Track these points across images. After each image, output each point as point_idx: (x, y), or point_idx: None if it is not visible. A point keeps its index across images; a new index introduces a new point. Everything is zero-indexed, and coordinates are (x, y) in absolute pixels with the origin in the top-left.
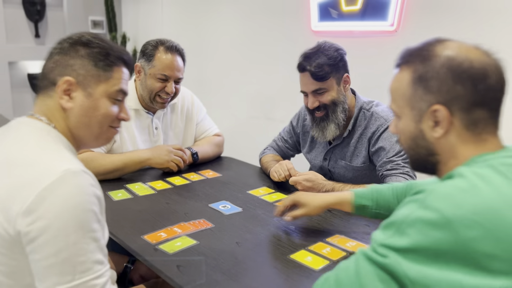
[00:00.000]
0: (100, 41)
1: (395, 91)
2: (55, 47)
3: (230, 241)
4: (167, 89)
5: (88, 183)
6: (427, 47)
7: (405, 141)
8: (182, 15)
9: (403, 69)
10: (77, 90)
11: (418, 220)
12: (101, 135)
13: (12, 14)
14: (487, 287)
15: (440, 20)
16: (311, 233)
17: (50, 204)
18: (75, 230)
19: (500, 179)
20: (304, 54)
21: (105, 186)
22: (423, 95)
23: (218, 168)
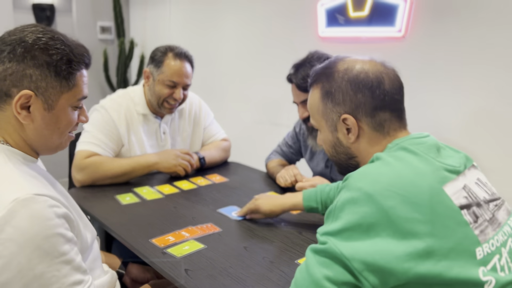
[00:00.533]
0: (59, 43)
1: (311, 108)
2: (2, 48)
3: (237, 245)
4: (175, 95)
5: (44, 207)
6: (330, 65)
7: (328, 150)
8: (189, 21)
9: (313, 88)
10: (36, 103)
11: (345, 202)
12: (61, 144)
13: (22, 19)
14: (413, 248)
15: (448, 25)
16: None
17: (4, 241)
18: (40, 261)
19: (410, 156)
20: (293, 65)
21: (113, 189)
22: (333, 108)
23: (225, 173)
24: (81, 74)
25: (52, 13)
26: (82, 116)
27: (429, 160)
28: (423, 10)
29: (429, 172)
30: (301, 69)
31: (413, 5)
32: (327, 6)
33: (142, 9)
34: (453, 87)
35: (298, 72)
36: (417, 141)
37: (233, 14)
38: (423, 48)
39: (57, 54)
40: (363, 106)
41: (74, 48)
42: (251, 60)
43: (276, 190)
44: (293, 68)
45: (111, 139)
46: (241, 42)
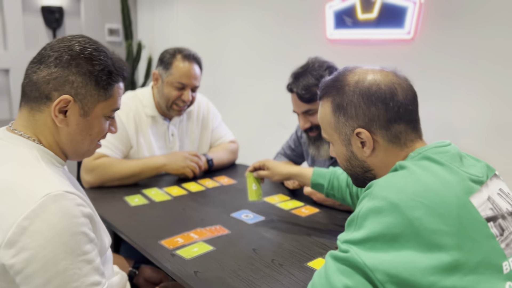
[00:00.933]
0: (103, 55)
1: (322, 122)
2: (50, 53)
3: (246, 248)
4: (183, 97)
5: (72, 204)
6: (339, 77)
7: (342, 163)
8: (197, 23)
9: (324, 101)
10: (73, 107)
11: (369, 211)
12: (89, 151)
13: (31, 22)
14: (439, 262)
15: (459, 27)
16: (328, 241)
17: (32, 233)
18: (65, 257)
19: (435, 166)
20: (293, 74)
21: (122, 191)
22: (345, 122)
23: (233, 175)
24: (118, 86)
25: (60, 16)
26: (112, 127)
27: (454, 169)
28: (432, 12)
29: (456, 183)
30: (302, 78)
31: (423, 7)
32: (335, 8)
33: (150, 11)
34: (465, 90)
35: (299, 82)
36: (440, 149)
37: (240, 16)
38: (433, 51)
39: (99, 64)
40: (377, 119)
41: (115, 61)
42: (259, 62)
43: (284, 192)
44: (292, 77)
45: (120, 141)
46: (249, 44)
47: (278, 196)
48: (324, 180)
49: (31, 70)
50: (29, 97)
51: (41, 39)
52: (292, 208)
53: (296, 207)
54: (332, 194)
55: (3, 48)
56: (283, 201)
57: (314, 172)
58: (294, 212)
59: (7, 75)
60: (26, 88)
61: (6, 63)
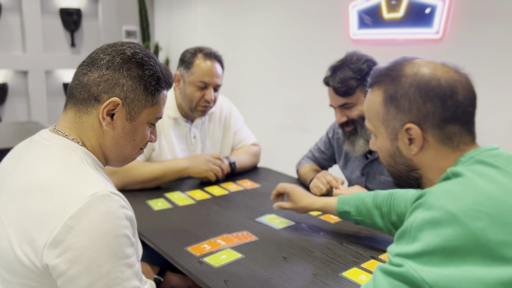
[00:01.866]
0: (153, 61)
1: (369, 111)
2: (102, 57)
3: (276, 255)
4: (206, 97)
5: (117, 206)
6: (396, 66)
7: (384, 159)
8: (215, 24)
9: (374, 89)
10: (121, 110)
11: (425, 222)
12: (130, 157)
13: (50, 24)
14: (508, 276)
15: (489, 26)
16: (361, 249)
17: (78, 233)
18: (108, 259)
19: (491, 170)
20: (330, 67)
21: (144, 195)
22: (396, 115)
23: (256, 179)
24: (164, 94)
25: (79, 18)
26: (152, 135)
27: (511, 173)
28: (462, 10)
29: None
30: (339, 71)
31: (452, 5)
32: (359, 7)
33: (167, 13)
34: (496, 92)
35: (336, 75)
36: (492, 153)
37: (259, 17)
38: (462, 51)
39: (149, 70)
40: (431, 116)
41: (163, 68)
42: (279, 62)
43: None
44: (330, 70)
45: None
46: (269, 44)
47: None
48: (349, 206)
49: (81, 72)
50: (77, 98)
51: (59, 41)
52: (320, 214)
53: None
54: (361, 220)
55: (21, 50)
56: None
57: (339, 200)
58: (322, 218)
59: (25, 77)
60: (75, 90)
61: (24, 65)
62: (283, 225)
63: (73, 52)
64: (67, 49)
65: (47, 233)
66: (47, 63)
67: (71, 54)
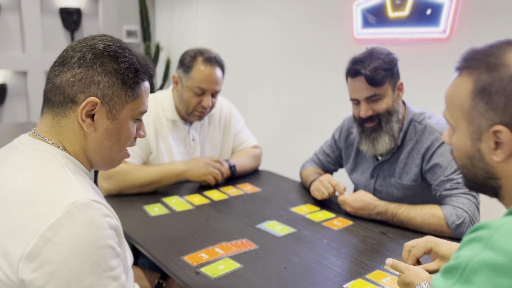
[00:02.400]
0: (127, 52)
1: (451, 100)
2: (72, 54)
3: (277, 265)
4: (203, 103)
5: (100, 214)
6: (496, 52)
7: (459, 158)
8: (216, 24)
9: (463, 75)
10: (100, 110)
11: (484, 265)
12: (117, 159)
13: (49, 23)
14: None
15: (498, 26)
16: (366, 258)
17: (57, 245)
18: (90, 273)
19: None
20: (355, 59)
21: (141, 199)
22: (485, 112)
23: (256, 182)
24: (145, 86)
25: (79, 17)
26: (140, 131)
27: None
28: (470, 9)
29: None
30: (368, 61)
31: (459, 4)
32: (363, 6)
33: (168, 13)
34: None
35: (366, 64)
36: None
37: (262, 17)
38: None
39: (125, 62)
40: None
41: (140, 58)
42: (281, 63)
43: (312, 203)
44: (354, 61)
45: (139, 146)
46: (271, 45)
47: (307, 207)
48: None
49: (53, 74)
50: (52, 102)
51: (59, 41)
52: (323, 220)
53: (328, 218)
54: None
55: (21, 50)
56: (312, 212)
57: None
58: (325, 225)
59: (25, 78)
60: (49, 94)
61: (24, 65)
62: (284, 232)
63: None
64: None
65: (22, 245)
66: (47, 63)
67: None
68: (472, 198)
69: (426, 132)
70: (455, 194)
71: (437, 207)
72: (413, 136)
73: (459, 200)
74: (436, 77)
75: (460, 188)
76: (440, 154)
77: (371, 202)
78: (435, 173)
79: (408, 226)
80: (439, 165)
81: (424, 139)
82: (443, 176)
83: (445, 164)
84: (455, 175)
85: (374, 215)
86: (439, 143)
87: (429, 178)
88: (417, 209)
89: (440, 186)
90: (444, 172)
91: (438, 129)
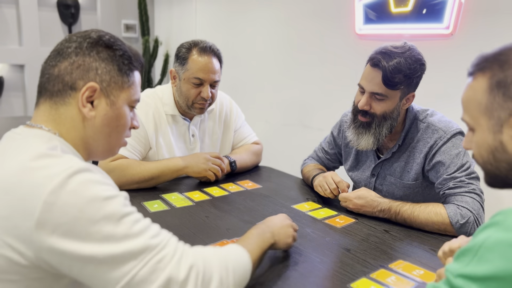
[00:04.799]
0: (120, 42)
1: (468, 101)
2: (68, 45)
3: (279, 263)
4: (202, 94)
5: (98, 177)
6: (506, 52)
7: (481, 156)
8: (216, 18)
9: (477, 76)
10: (100, 96)
11: (499, 243)
12: (115, 146)
13: (47, 17)
14: None
15: (503, 21)
16: (370, 257)
17: (62, 207)
18: (106, 223)
19: None
20: (385, 49)
21: (140, 195)
22: (503, 103)
23: (257, 179)
24: (138, 74)
25: (76, 11)
26: (134, 121)
27: None
28: (474, 5)
29: None
30: (395, 57)
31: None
32: (365, 1)
33: (167, 7)
34: None
35: (390, 59)
36: None
37: (262, 11)
38: (475, 47)
39: (119, 50)
40: None
41: (132, 49)
42: (281, 59)
43: (314, 200)
44: (381, 51)
45: (139, 141)
46: (271, 40)
47: (308, 204)
48: None
49: (49, 66)
50: (51, 91)
51: (57, 35)
52: (325, 218)
53: (330, 216)
54: None
55: (18, 44)
56: (314, 209)
57: None
58: (328, 222)
59: (22, 71)
60: (47, 84)
61: (21, 59)
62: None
63: None
64: None
65: (29, 216)
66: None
67: None
68: (477, 197)
69: (429, 131)
70: (459, 192)
71: (440, 205)
72: (415, 134)
73: (463, 199)
74: (439, 73)
75: (464, 187)
76: (442, 152)
77: (374, 199)
78: (437, 171)
79: (411, 224)
80: (441, 163)
81: (427, 138)
82: (446, 174)
83: (448, 162)
84: (458, 173)
85: (377, 213)
86: (443, 142)
87: (431, 177)
88: (421, 207)
89: (443, 184)
90: (446, 170)
91: (441, 127)
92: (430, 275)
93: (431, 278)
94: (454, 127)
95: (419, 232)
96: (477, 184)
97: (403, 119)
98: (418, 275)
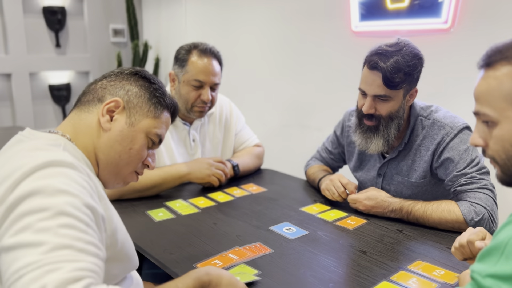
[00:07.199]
0: (160, 81)
1: (489, 92)
2: (112, 72)
3: (296, 269)
4: (202, 97)
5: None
6: None
7: (505, 150)
8: (207, 20)
9: (498, 67)
10: (121, 113)
11: None
12: (123, 172)
13: (33, 24)
14: None
15: (502, 16)
16: (388, 259)
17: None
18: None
19: None
20: (380, 50)
21: (143, 204)
22: None
23: (261, 182)
24: (167, 115)
25: (63, 17)
26: (149, 158)
27: None
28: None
29: None
30: (392, 57)
31: None
32: None
33: (156, 10)
34: None
35: (388, 59)
36: None
37: (255, 11)
38: (473, 42)
39: (156, 84)
40: None
41: (169, 95)
42: (276, 58)
43: (321, 201)
44: (377, 52)
45: None
46: (265, 40)
47: (317, 206)
48: None
49: (91, 84)
50: (81, 102)
51: (44, 42)
52: (335, 219)
53: (340, 217)
54: None
55: (4, 52)
56: (323, 211)
57: None
58: (339, 224)
59: (9, 80)
60: (82, 97)
61: (7, 68)
62: (297, 235)
63: (58, 53)
64: (52, 50)
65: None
66: (31, 64)
67: (56, 55)
68: (489, 192)
69: (435, 127)
70: (471, 189)
71: (453, 203)
72: (420, 132)
73: (476, 195)
74: (438, 69)
75: (476, 183)
76: (450, 148)
77: (385, 200)
78: (447, 168)
79: (424, 224)
80: (450, 160)
81: (433, 135)
82: (456, 170)
83: (457, 158)
84: (469, 169)
85: (388, 213)
86: (450, 138)
87: (440, 174)
88: (433, 206)
89: (454, 181)
90: (456, 166)
91: (447, 123)
92: (451, 274)
93: (452, 278)
94: (460, 122)
95: (432, 230)
96: (489, 179)
97: (407, 117)
98: (439, 275)
